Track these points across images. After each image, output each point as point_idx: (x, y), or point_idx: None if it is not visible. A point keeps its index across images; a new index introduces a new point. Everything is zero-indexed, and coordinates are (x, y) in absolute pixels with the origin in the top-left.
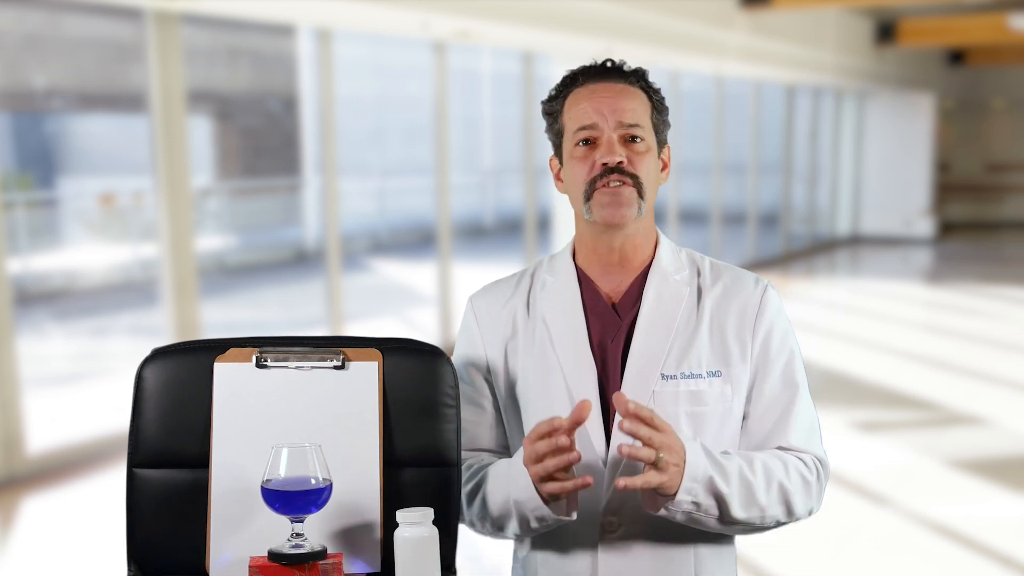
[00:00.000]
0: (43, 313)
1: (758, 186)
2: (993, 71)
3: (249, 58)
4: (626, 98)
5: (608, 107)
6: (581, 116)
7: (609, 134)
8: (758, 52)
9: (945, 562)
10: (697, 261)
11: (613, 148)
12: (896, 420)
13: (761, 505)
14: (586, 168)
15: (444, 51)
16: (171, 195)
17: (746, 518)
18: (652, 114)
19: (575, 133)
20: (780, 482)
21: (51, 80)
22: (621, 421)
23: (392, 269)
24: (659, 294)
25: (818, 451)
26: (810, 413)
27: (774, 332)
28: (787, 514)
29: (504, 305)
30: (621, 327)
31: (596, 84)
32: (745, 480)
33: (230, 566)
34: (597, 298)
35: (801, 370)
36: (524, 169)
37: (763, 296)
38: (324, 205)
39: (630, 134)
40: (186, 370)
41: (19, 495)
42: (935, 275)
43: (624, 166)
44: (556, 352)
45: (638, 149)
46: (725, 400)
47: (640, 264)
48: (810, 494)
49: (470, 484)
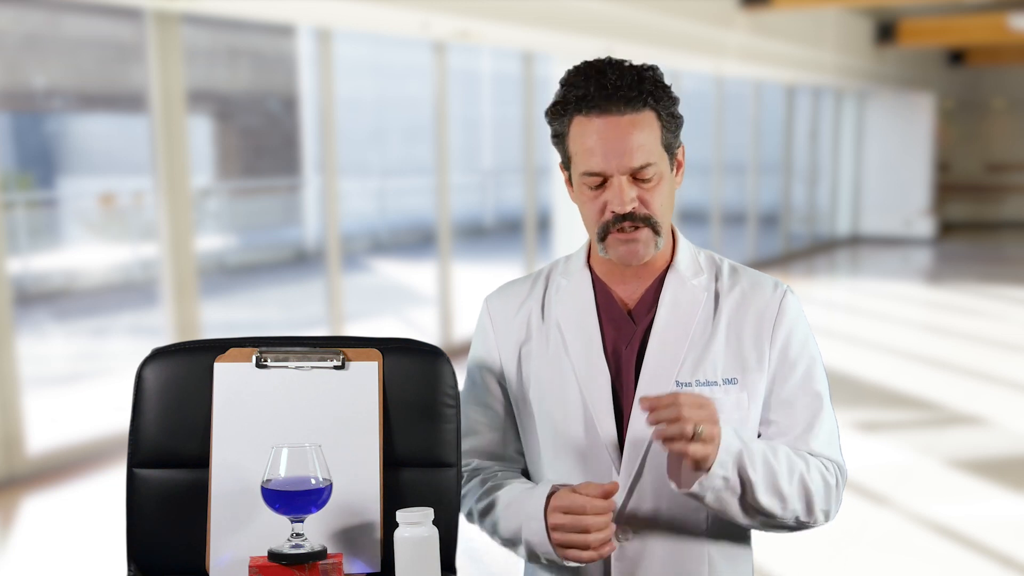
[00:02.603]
0: (43, 313)
1: (758, 186)
2: (993, 71)
3: (249, 58)
4: (634, 133)
5: (615, 151)
6: (588, 159)
7: (618, 179)
8: (758, 52)
9: (945, 562)
10: (717, 263)
11: (623, 196)
12: (896, 420)
13: (784, 494)
14: (596, 209)
15: (444, 51)
16: (171, 195)
17: (768, 506)
18: (663, 136)
19: (582, 176)
20: (801, 475)
21: (51, 80)
22: (647, 418)
23: (392, 269)
24: (675, 300)
25: (838, 458)
26: (832, 420)
27: (793, 338)
28: (807, 512)
29: (519, 308)
30: (636, 333)
31: (602, 119)
32: (769, 465)
33: (230, 566)
34: (612, 303)
35: (822, 376)
36: (524, 169)
37: (781, 302)
38: (324, 205)
39: (641, 176)
40: (186, 370)
41: (19, 495)
42: (935, 275)
43: (635, 211)
44: (570, 358)
45: (649, 185)
46: (741, 408)
47: (658, 268)
48: (829, 496)
49: (483, 501)
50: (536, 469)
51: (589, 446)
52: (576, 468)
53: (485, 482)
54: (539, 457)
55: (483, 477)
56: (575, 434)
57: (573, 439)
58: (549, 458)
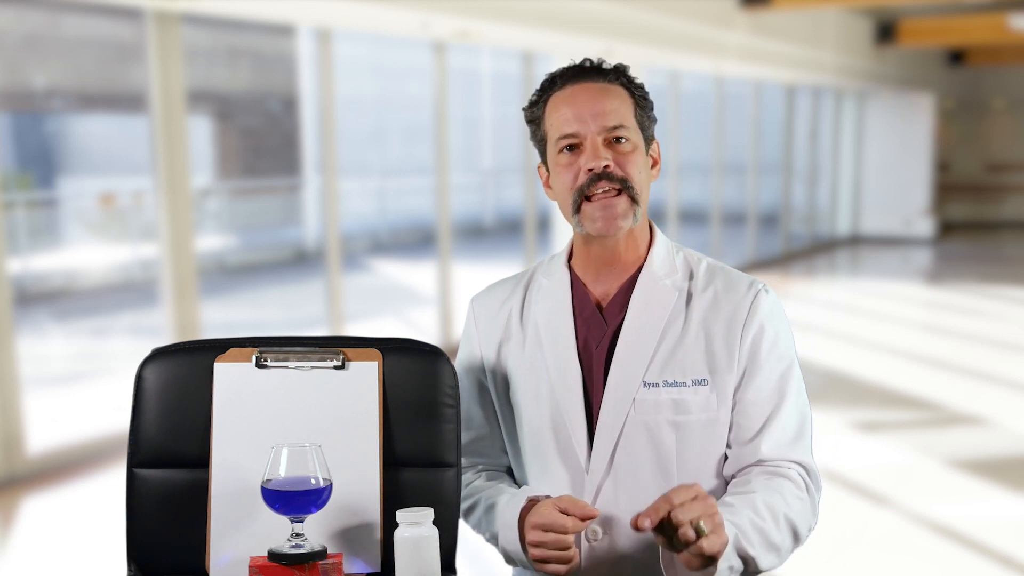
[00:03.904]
0: (43, 313)
1: (758, 186)
2: (993, 71)
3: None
4: (607, 98)
5: (589, 110)
6: (562, 123)
7: (592, 138)
8: (758, 52)
9: (945, 562)
10: (692, 263)
11: (598, 152)
12: (896, 420)
13: (777, 545)
14: (571, 175)
15: (444, 51)
16: (171, 195)
17: (769, 565)
18: (636, 112)
19: (557, 141)
20: (786, 515)
21: (51, 80)
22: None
23: (392, 269)
24: (646, 299)
25: (803, 458)
26: (798, 420)
27: (763, 337)
28: (795, 541)
29: (501, 307)
30: (606, 332)
31: (575, 86)
32: (759, 529)
33: (230, 566)
34: (586, 302)
35: (794, 376)
36: (524, 169)
37: (753, 301)
38: (324, 205)
39: (615, 135)
40: (186, 370)
41: (19, 495)
42: (935, 275)
43: (611, 170)
44: (544, 356)
45: (624, 150)
46: (710, 409)
47: (632, 264)
48: (806, 512)
49: (467, 501)
50: (518, 467)
51: (560, 445)
52: (549, 466)
53: (469, 482)
54: (519, 455)
55: (467, 476)
56: (548, 432)
57: (546, 437)
58: (526, 456)
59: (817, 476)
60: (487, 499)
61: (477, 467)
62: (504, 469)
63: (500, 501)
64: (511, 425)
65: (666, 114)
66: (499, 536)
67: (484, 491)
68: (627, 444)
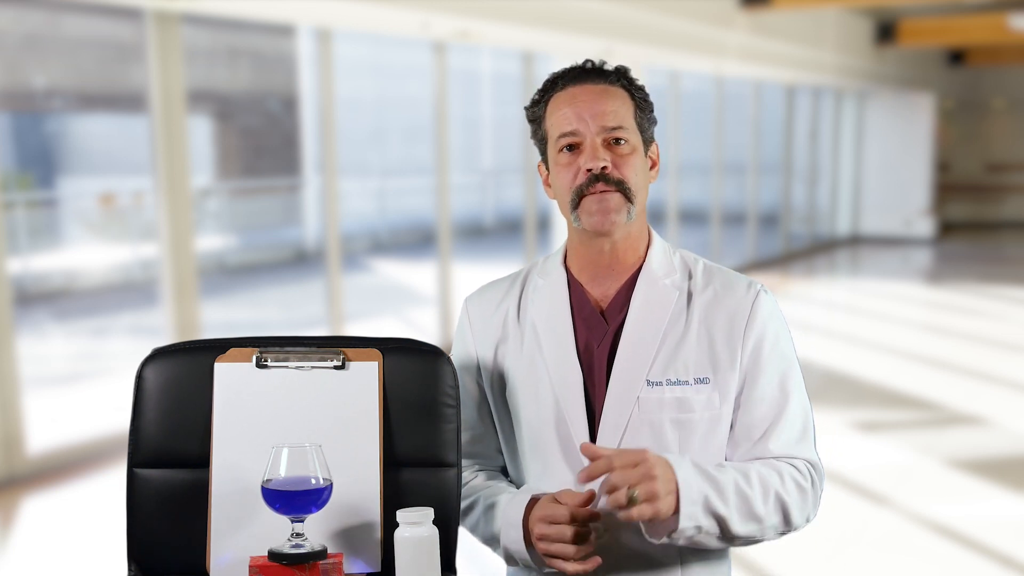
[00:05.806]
0: (43, 313)
1: (758, 186)
2: (993, 71)
3: (249, 58)
4: (607, 99)
5: (589, 111)
6: (562, 122)
7: (592, 139)
8: (758, 52)
9: (945, 562)
10: (690, 264)
11: (596, 153)
12: (896, 420)
13: (759, 516)
14: (571, 175)
15: (444, 51)
16: (171, 195)
17: (745, 532)
18: (635, 113)
19: (557, 140)
20: (776, 491)
21: (51, 80)
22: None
23: (392, 269)
24: (647, 299)
25: (810, 456)
26: (802, 418)
27: (765, 338)
28: (785, 523)
29: (496, 308)
30: (607, 332)
31: (576, 87)
32: (742, 494)
33: (230, 566)
34: (585, 302)
35: (795, 375)
36: (524, 169)
37: (754, 301)
38: (324, 205)
39: (614, 137)
40: (186, 370)
41: (19, 495)
42: (935, 275)
43: (609, 172)
44: (543, 357)
45: (622, 151)
46: (712, 407)
47: (631, 266)
48: (806, 501)
49: (465, 501)
50: (514, 467)
51: (562, 444)
52: (550, 466)
53: (467, 481)
54: (516, 455)
55: (464, 476)
56: (548, 432)
57: (547, 437)
58: (526, 457)
59: (821, 471)
60: (486, 499)
61: (474, 467)
62: (499, 469)
63: (501, 500)
64: (507, 425)
65: (666, 114)
66: (501, 535)
67: (483, 491)
68: (630, 443)
